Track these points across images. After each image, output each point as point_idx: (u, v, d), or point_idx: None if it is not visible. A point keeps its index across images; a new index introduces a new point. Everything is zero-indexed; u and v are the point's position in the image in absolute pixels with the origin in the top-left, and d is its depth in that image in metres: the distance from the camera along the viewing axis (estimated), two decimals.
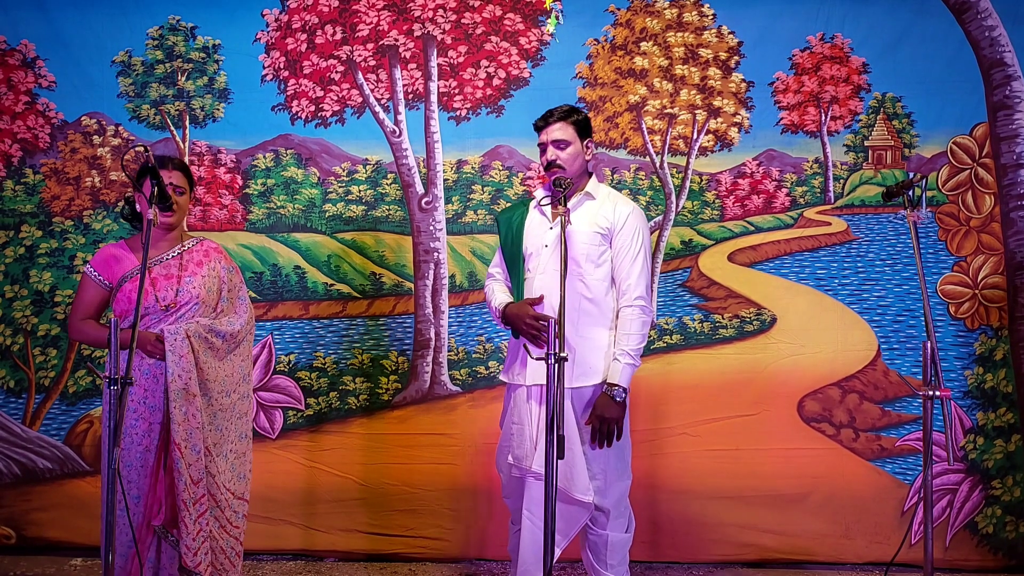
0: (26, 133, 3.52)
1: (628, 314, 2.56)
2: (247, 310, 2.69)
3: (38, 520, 3.47)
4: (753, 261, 3.48)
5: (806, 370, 3.42)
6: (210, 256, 2.65)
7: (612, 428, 2.51)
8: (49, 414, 3.51)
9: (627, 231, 2.60)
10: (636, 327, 2.54)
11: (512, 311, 2.59)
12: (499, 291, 2.72)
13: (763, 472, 3.38)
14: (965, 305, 3.43)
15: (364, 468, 3.46)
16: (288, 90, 3.50)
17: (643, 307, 2.56)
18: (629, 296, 2.57)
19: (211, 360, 2.55)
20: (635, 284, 2.57)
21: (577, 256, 2.55)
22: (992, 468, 3.39)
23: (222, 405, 2.58)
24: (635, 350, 2.54)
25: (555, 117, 2.61)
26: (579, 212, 2.62)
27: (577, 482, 2.50)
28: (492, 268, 2.81)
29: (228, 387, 2.59)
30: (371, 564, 3.43)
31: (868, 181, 3.46)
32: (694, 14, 3.47)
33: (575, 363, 2.53)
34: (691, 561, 3.42)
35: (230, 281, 2.67)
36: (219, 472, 2.55)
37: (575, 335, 2.54)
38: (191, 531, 2.45)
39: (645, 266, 2.60)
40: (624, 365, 2.52)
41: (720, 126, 3.48)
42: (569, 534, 2.57)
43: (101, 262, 2.59)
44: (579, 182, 2.66)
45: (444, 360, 3.49)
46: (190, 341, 2.49)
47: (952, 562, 3.35)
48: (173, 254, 2.61)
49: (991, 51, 3.39)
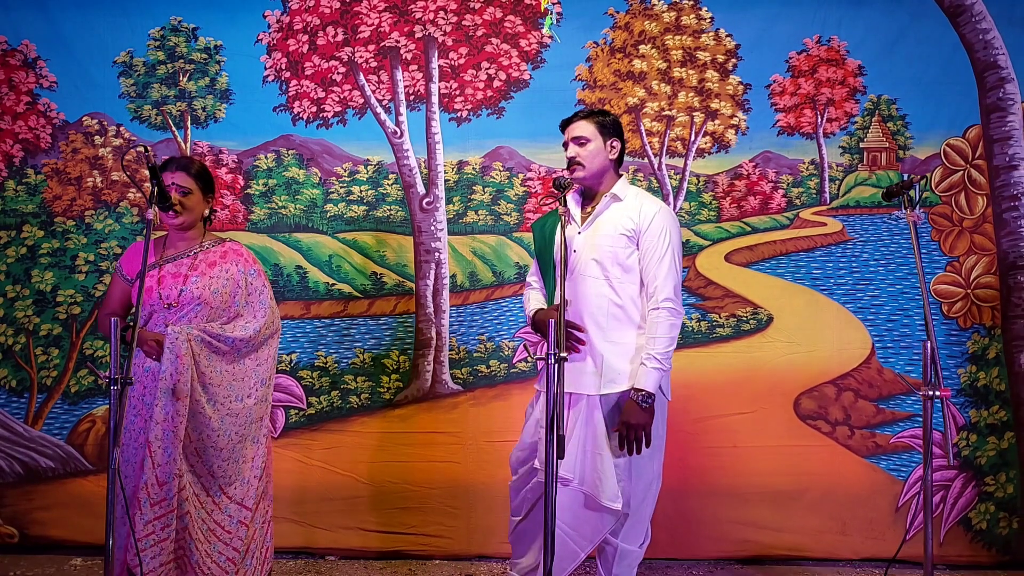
0: (27, 133, 3.53)
1: (656, 316, 2.49)
2: (265, 314, 2.64)
3: (41, 519, 3.48)
4: (750, 261, 3.53)
5: (802, 368, 3.46)
6: (227, 258, 2.64)
7: (640, 435, 2.46)
8: (51, 413, 3.52)
9: (653, 231, 2.53)
10: (664, 330, 2.48)
11: (541, 317, 2.58)
12: (533, 299, 2.72)
13: (760, 469, 3.42)
14: (958, 304, 3.48)
15: (365, 466, 3.48)
16: (290, 91, 3.51)
17: (671, 309, 2.49)
18: (656, 298, 2.50)
19: (217, 363, 2.54)
20: (662, 285, 2.50)
21: (603, 259, 2.53)
22: (985, 465, 3.44)
23: (232, 409, 2.56)
24: (662, 354, 2.47)
25: (578, 116, 2.60)
26: (606, 215, 2.58)
27: (606, 489, 2.48)
28: (529, 277, 2.81)
29: (240, 391, 2.57)
30: (372, 562, 3.46)
31: (863, 182, 3.51)
32: (692, 17, 3.51)
33: (603, 369, 2.52)
34: (688, 558, 3.46)
35: (248, 284, 2.64)
36: (216, 476, 2.53)
37: (603, 340, 2.52)
38: (138, 531, 2.40)
39: (673, 267, 2.52)
40: (651, 370, 2.45)
41: (717, 128, 3.52)
42: (595, 540, 2.57)
43: (127, 258, 2.69)
44: (604, 182, 2.62)
45: (445, 359, 3.52)
46: (190, 343, 2.48)
47: (946, 558, 3.39)
48: (188, 253, 2.63)
49: (985, 54, 3.44)
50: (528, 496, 2.68)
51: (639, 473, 2.56)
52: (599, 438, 2.51)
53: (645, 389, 2.46)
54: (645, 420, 2.46)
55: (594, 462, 2.51)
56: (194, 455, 2.54)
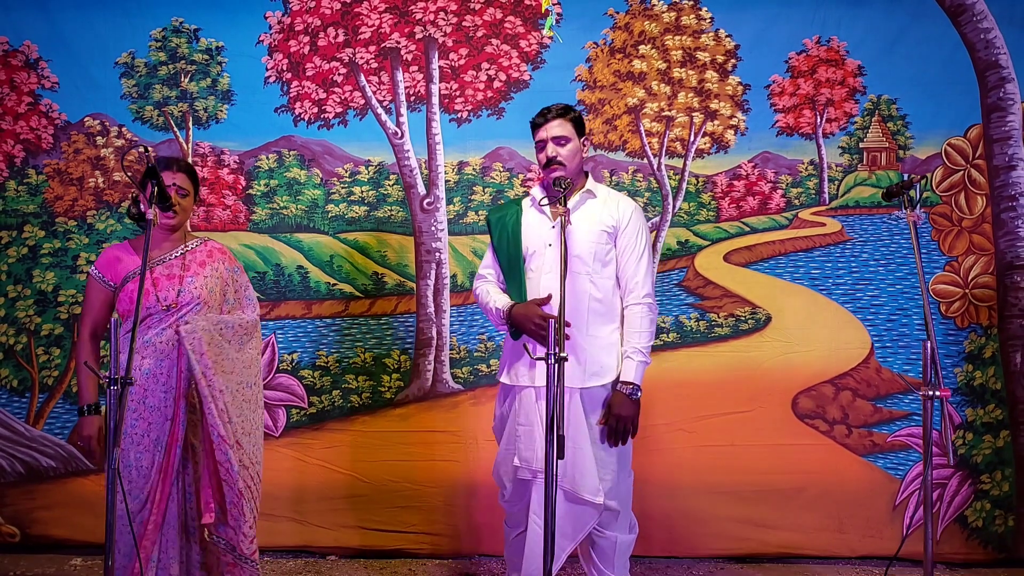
0: (29, 134, 3.54)
1: (638, 312, 2.57)
2: (256, 307, 2.72)
3: (42, 518, 3.50)
4: (748, 261, 3.54)
5: (800, 368, 3.48)
6: (213, 257, 2.66)
7: (627, 427, 2.52)
8: (52, 413, 3.53)
9: (631, 229, 2.61)
10: (647, 324, 2.56)
11: (520, 312, 2.55)
12: (495, 292, 2.69)
13: (758, 467, 3.44)
14: (955, 304, 3.50)
15: (366, 465, 3.50)
16: (291, 92, 3.52)
17: (650, 304, 2.58)
18: (637, 294, 2.58)
19: (229, 351, 2.56)
20: (642, 282, 2.58)
21: (584, 255, 2.56)
22: (981, 463, 3.46)
23: (246, 396, 2.59)
24: (646, 347, 2.56)
25: (553, 113, 2.59)
26: (582, 211, 2.61)
27: (587, 484, 2.50)
28: (483, 269, 2.77)
29: (248, 378, 2.60)
30: (372, 561, 3.48)
31: (862, 183, 3.52)
32: (692, 18, 3.52)
33: (586, 363, 2.53)
34: (687, 556, 3.48)
35: (235, 281, 2.69)
36: (251, 464, 2.57)
37: (585, 335, 2.55)
38: (248, 519, 2.50)
39: (650, 263, 2.63)
40: (638, 363, 2.53)
41: (717, 128, 3.53)
42: (577, 537, 2.57)
43: (105, 263, 2.60)
44: (578, 180, 2.65)
45: (446, 358, 3.54)
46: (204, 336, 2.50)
47: (942, 555, 3.41)
48: (176, 254, 2.62)
49: (986, 53, 3.44)
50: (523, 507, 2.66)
51: (625, 464, 2.61)
52: (580, 433, 2.51)
53: (633, 382, 2.52)
54: (633, 411, 2.52)
55: (575, 457, 2.51)
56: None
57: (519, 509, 2.68)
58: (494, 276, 2.74)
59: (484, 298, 2.70)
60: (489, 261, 2.76)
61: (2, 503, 3.51)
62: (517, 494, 2.66)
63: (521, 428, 2.59)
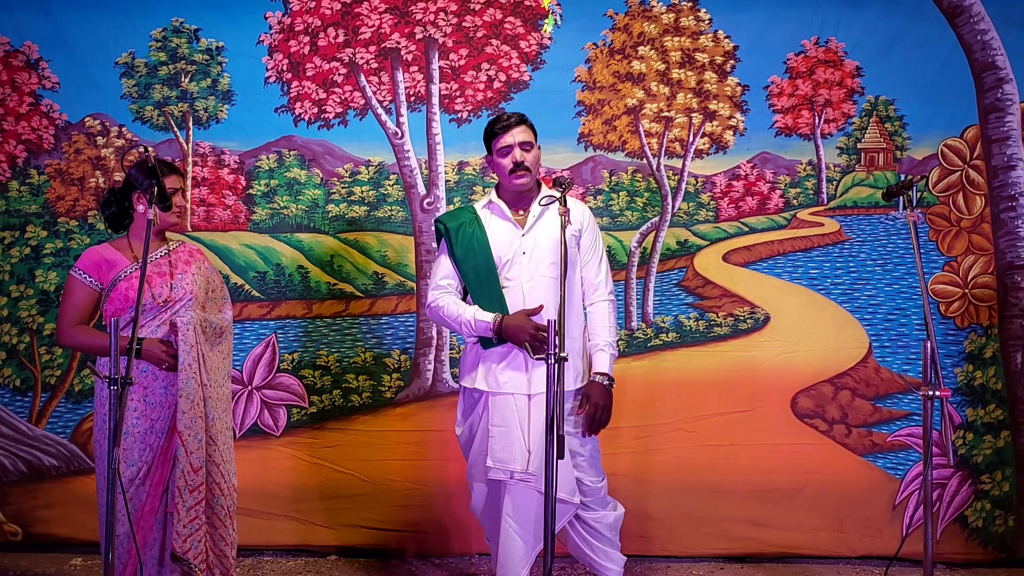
0: (30, 134, 3.55)
1: (604, 308, 2.71)
2: (230, 308, 2.81)
3: (44, 517, 3.51)
4: (747, 261, 3.55)
5: (799, 367, 3.48)
6: (195, 256, 2.74)
7: (604, 416, 2.64)
8: (55, 412, 3.55)
9: (591, 230, 2.75)
10: (614, 319, 2.72)
11: (513, 323, 2.55)
12: (465, 305, 2.65)
13: (757, 467, 3.45)
14: (955, 304, 3.50)
15: (367, 465, 3.51)
16: (291, 92, 3.54)
17: (613, 301, 2.74)
18: (601, 292, 2.72)
19: (208, 350, 2.61)
20: (605, 280, 2.73)
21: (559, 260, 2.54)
22: (981, 463, 3.47)
23: (219, 395, 2.64)
24: (616, 341, 2.72)
25: (515, 120, 2.65)
26: (548, 216, 2.66)
27: (565, 485, 2.54)
28: (441, 280, 2.71)
29: (219, 377, 2.64)
30: (371, 561, 3.49)
31: (860, 183, 3.53)
32: (691, 19, 3.53)
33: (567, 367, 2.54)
34: (687, 555, 3.48)
35: (213, 281, 2.76)
36: (222, 461, 2.60)
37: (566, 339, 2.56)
38: (183, 518, 2.48)
39: (607, 261, 2.78)
40: (610, 355, 2.67)
41: (715, 129, 3.54)
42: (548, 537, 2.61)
43: (90, 265, 2.60)
44: (535, 188, 2.72)
45: (446, 358, 3.55)
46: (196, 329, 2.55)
47: (942, 555, 3.41)
48: (161, 253, 2.68)
49: (983, 54, 3.45)
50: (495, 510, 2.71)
51: (597, 448, 2.75)
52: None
53: (608, 372, 2.66)
54: (609, 401, 2.65)
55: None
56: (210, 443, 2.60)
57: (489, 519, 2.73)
58: (455, 286, 2.72)
59: (451, 310, 2.66)
60: (448, 271, 2.71)
61: (4, 502, 3.52)
62: (491, 501, 2.70)
63: (495, 429, 2.61)
